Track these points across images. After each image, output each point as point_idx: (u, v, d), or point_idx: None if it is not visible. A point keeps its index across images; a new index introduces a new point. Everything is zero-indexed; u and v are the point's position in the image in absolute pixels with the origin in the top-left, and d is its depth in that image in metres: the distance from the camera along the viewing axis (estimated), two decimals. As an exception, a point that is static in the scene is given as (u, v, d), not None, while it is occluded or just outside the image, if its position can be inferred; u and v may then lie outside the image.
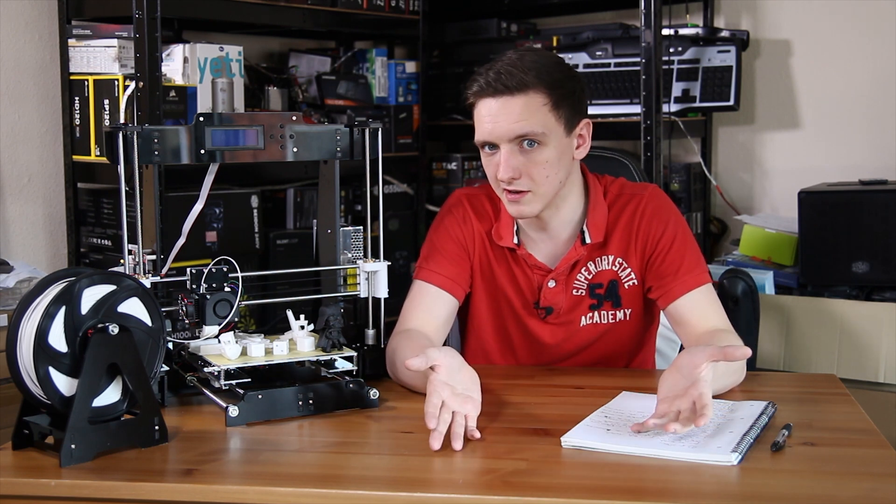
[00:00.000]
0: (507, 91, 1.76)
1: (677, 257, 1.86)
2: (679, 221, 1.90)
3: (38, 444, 1.48)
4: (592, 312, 1.91)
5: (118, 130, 1.63)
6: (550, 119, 1.78)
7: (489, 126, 1.78)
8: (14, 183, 2.82)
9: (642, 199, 1.90)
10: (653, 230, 1.87)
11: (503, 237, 1.91)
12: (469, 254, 1.93)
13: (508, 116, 1.76)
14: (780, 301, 2.78)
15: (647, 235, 1.88)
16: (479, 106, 1.80)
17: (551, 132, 1.78)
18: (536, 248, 1.92)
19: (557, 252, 1.91)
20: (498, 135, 1.77)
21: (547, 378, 1.85)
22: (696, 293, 1.84)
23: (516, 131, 1.76)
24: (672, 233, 1.87)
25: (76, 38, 2.73)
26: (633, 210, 1.89)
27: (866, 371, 2.64)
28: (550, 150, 1.78)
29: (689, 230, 1.92)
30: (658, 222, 1.88)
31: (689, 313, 1.83)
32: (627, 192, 1.92)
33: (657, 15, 2.82)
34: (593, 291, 1.90)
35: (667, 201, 1.93)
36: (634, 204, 1.90)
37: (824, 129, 3.29)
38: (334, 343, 1.71)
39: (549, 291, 1.90)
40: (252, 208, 2.87)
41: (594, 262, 1.90)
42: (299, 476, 1.39)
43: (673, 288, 1.84)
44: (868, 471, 1.37)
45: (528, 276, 1.92)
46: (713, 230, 3.43)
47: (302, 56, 3.36)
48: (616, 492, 1.31)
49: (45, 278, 1.50)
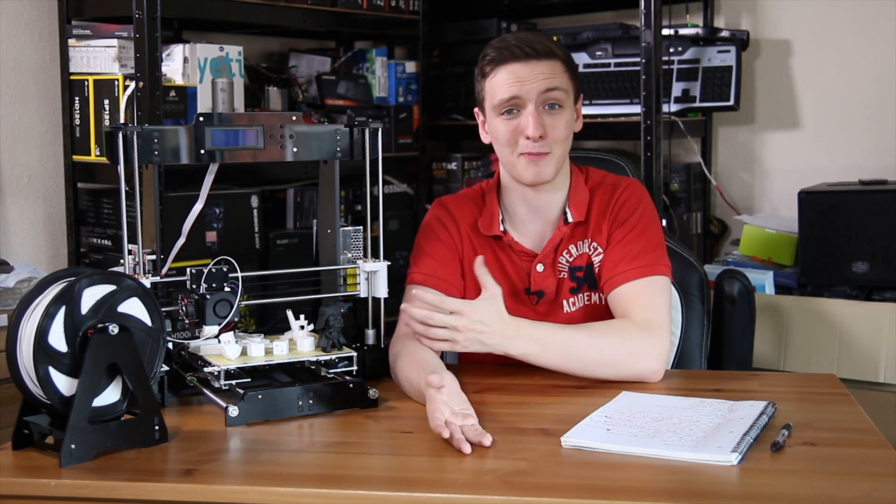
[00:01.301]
0: (535, 55, 1.86)
1: (632, 245, 1.88)
2: (647, 211, 1.93)
3: (38, 444, 1.47)
4: (574, 297, 1.94)
5: (118, 130, 1.63)
6: (569, 85, 1.90)
7: (517, 84, 1.85)
8: (14, 183, 2.82)
9: (619, 187, 1.96)
10: (621, 213, 1.92)
11: (490, 226, 1.95)
12: (458, 253, 1.96)
13: (537, 75, 1.86)
14: (780, 301, 2.78)
15: (615, 217, 1.93)
16: (501, 71, 1.87)
17: (568, 96, 1.89)
18: (521, 235, 1.96)
19: (543, 236, 1.95)
20: (527, 90, 1.85)
21: (547, 378, 1.85)
22: (640, 283, 1.85)
23: (546, 86, 1.85)
24: (636, 220, 1.91)
25: (76, 38, 2.73)
26: (610, 196, 1.94)
27: (866, 371, 2.64)
28: (568, 113, 1.89)
29: (658, 222, 1.95)
30: (627, 208, 1.92)
31: (623, 302, 1.85)
32: (609, 181, 1.98)
33: (657, 15, 2.82)
34: (573, 274, 1.93)
35: (643, 194, 1.97)
36: (611, 191, 1.95)
37: (824, 129, 3.29)
38: (334, 343, 1.71)
39: (538, 276, 1.93)
40: (252, 208, 2.87)
41: (575, 245, 1.94)
42: (299, 476, 1.39)
43: (619, 274, 1.86)
44: (868, 471, 1.37)
45: (516, 263, 1.95)
46: (713, 230, 3.43)
47: (302, 56, 3.36)
48: (616, 492, 1.31)
49: (45, 278, 1.50)
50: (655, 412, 1.59)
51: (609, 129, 3.15)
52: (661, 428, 1.51)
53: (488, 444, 1.46)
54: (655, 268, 1.87)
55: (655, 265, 1.87)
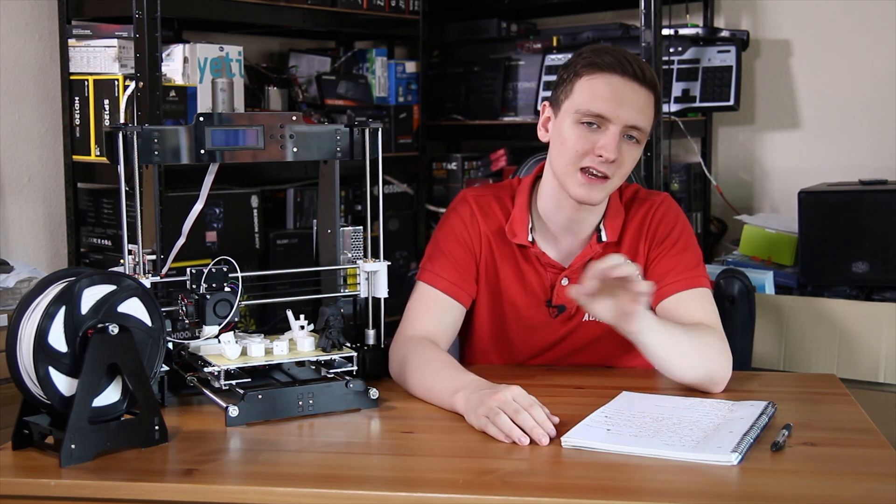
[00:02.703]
0: (639, 79, 1.77)
1: (677, 259, 1.87)
2: (686, 228, 1.93)
3: (38, 444, 1.47)
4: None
5: (118, 130, 1.63)
6: (652, 123, 1.82)
7: (613, 103, 1.75)
8: (14, 183, 2.82)
9: (654, 203, 1.93)
10: (659, 232, 1.90)
11: (517, 234, 1.91)
12: (475, 256, 1.92)
13: (635, 103, 1.77)
14: (779, 301, 2.78)
15: (653, 237, 1.90)
16: (601, 79, 1.77)
17: (646, 134, 1.82)
18: (549, 246, 1.92)
19: (571, 250, 1.91)
20: (619, 115, 1.76)
21: (547, 378, 1.85)
22: (689, 293, 1.84)
23: (635, 120, 1.77)
24: (676, 236, 1.89)
25: (76, 38, 2.72)
26: (645, 214, 1.92)
27: (866, 371, 2.64)
28: (640, 149, 1.83)
29: (695, 238, 1.94)
30: (665, 225, 1.90)
31: (675, 310, 1.83)
32: (642, 196, 1.95)
33: (657, 15, 2.82)
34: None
35: (677, 209, 1.95)
36: (647, 207, 1.92)
37: (824, 129, 3.29)
38: (334, 343, 1.71)
39: (562, 290, 1.90)
40: (252, 208, 2.87)
41: None
42: (299, 476, 1.39)
43: (666, 286, 1.85)
44: (868, 471, 1.37)
45: (540, 275, 1.92)
46: (713, 230, 3.43)
47: (302, 56, 3.36)
48: (616, 492, 1.31)
49: (45, 278, 1.50)
50: (655, 412, 1.59)
51: (609, 128, 3.14)
52: (662, 428, 1.51)
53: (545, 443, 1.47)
54: (704, 280, 1.87)
55: (704, 278, 1.87)
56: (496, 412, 1.49)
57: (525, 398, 1.52)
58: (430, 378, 1.70)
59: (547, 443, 1.46)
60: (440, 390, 1.66)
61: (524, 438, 1.47)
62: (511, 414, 1.49)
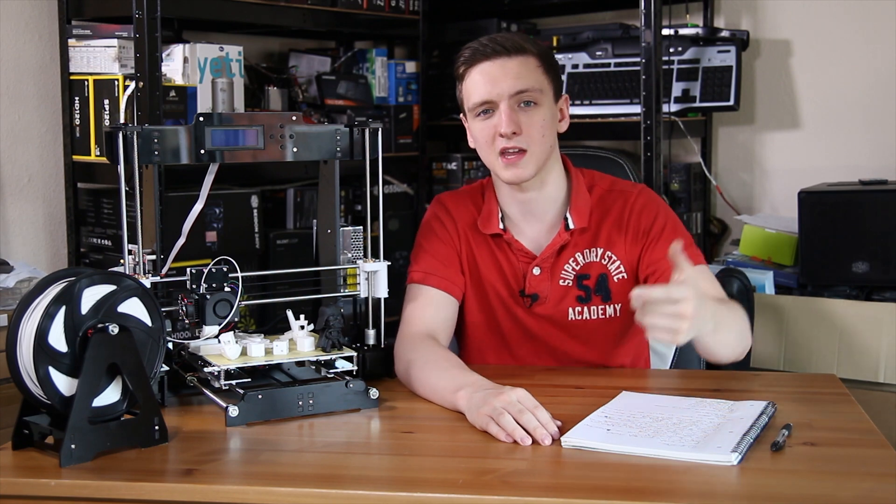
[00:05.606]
0: (504, 52, 1.84)
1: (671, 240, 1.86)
2: (669, 213, 1.95)
3: (38, 444, 1.48)
4: (581, 307, 1.93)
5: (118, 130, 1.63)
6: (544, 81, 1.87)
7: (489, 86, 1.84)
8: (14, 183, 2.82)
9: (631, 194, 1.95)
10: (643, 221, 1.92)
11: (488, 224, 1.94)
12: (457, 250, 1.96)
13: (507, 73, 1.83)
14: (779, 301, 2.78)
15: (637, 227, 1.92)
16: (473, 72, 1.86)
17: (544, 93, 1.86)
18: (521, 235, 1.95)
19: (542, 240, 1.94)
20: (499, 91, 1.83)
21: (547, 378, 1.85)
22: (699, 268, 1.85)
23: (517, 87, 1.83)
24: (663, 220, 1.92)
25: (76, 38, 2.73)
26: (623, 204, 1.93)
27: (866, 371, 2.64)
28: (545, 110, 1.86)
29: (680, 222, 1.96)
30: (648, 213, 1.92)
31: None
32: (618, 187, 1.97)
33: (657, 15, 2.82)
34: (580, 283, 1.92)
35: (656, 198, 1.97)
36: (624, 198, 1.94)
37: (824, 129, 3.28)
38: (334, 343, 1.71)
39: (533, 279, 1.92)
40: (252, 208, 2.87)
41: (582, 253, 1.93)
42: (299, 476, 1.39)
43: (667, 270, 1.84)
44: (868, 471, 1.37)
45: (513, 263, 1.94)
46: (713, 230, 3.43)
47: (302, 56, 3.36)
48: (616, 492, 1.31)
49: (45, 278, 1.50)
50: (655, 412, 1.59)
51: (609, 129, 3.14)
52: (662, 428, 1.51)
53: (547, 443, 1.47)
54: (701, 258, 1.90)
55: (700, 255, 1.90)
56: (500, 412, 1.50)
57: (529, 400, 1.53)
58: (433, 376, 1.71)
59: (549, 443, 1.47)
60: (442, 388, 1.67)
61: (527, 438, 1.47)
62: (515, 414, 1.49)
